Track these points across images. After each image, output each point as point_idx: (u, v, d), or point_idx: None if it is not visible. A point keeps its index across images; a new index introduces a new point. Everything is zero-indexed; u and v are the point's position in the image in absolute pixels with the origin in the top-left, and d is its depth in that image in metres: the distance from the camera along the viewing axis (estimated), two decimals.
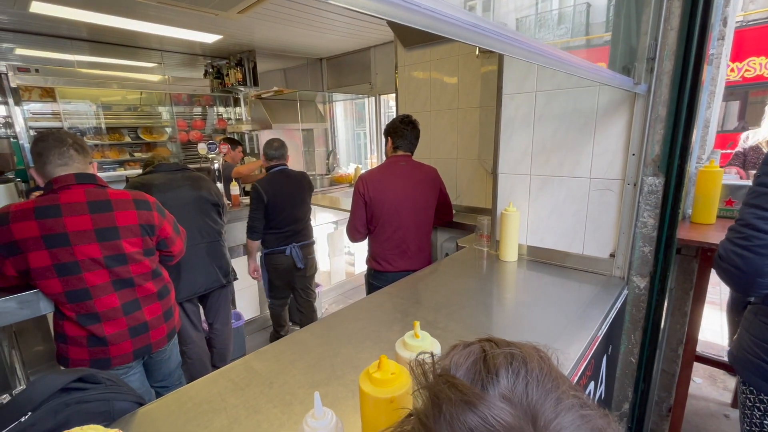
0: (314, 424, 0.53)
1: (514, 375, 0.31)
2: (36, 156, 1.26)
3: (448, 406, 0.29)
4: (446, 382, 0.31)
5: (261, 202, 2.36)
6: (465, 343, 0.36)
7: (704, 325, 1.57)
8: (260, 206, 2.37)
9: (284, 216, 2.45)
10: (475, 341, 0.37)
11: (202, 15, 2.85)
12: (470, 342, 0.37)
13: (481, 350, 0.34)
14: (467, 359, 0.33)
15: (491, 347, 0.34)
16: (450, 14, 0.45)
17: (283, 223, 2.46)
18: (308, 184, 2.60)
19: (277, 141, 2.50)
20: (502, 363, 0.32)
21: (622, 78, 1.11)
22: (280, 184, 2.42)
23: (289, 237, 2.50)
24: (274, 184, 2.40)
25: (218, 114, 4.80)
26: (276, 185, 2.40)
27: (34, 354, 2.27)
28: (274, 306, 2.76)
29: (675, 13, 1.22)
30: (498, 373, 0.31)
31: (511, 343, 0.35)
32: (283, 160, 2.50)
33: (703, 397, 2.16)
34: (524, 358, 0.32)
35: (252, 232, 2.44)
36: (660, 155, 1.31)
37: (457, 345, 0.37)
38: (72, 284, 1.26)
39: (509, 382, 0.30)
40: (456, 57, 2.35)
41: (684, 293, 1.58)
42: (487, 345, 0.35)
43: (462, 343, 0.37)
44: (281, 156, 2.49)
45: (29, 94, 3.48)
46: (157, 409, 0.86)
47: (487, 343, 0.35)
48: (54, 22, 3.14)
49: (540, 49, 0.63)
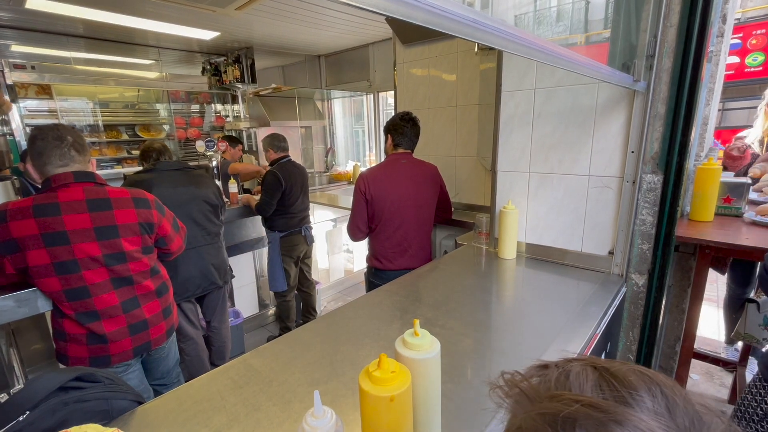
0: (314, 423, 0.52)
1: (654, 396, 0.29)
2: (36, 155, 1.24)
3: (591, 427, 0.28)
4: (576, 401, 0.29)
5: (279, 188, 2.56)
6: (548, 363, 0.35)
7: (701, 322, 1.57)
8: (277, 192, 2.56)
9: (297, 202, 2.70)
10: (560, 360, 0.35)
11: (199, 11, 2.83)
12: (550, 361, 0.36)
13: (593, 369, 0.32)
14: (584, 379, 0.32)
15: (603, 367, 0.32)
16: (450, 10, 0.45)
17: (296, 209, 2.71)
18: (307, 176, 2.87)
19: (281, 135, 2.73)
20: (640, 383, 0.30)
21: (621, 75, 1.10)
22: (293, 172, 2.65)
23: (301, 221, 2.78)
24: (288, 173, 2.61)
25: (216, 111, 4.78)
26: (290, 174, 2.62)
27: (32, 352, 2.26)
28: (286, 299, 2.87)
29: (675, 10, 1.21)
30: (638, 391, 0.29)
31: (612, 363, 0.34)
32: (288, 152, 2.73)
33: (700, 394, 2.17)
34: (656, 379, 0.31)
35: (262, 211, 2.61)
36: (659, 152, 1.31)
37: (541, 366, 0.36)
38: (71, 283, 1.25)
39: (652, 402, 0.29)
40: (455, 54, 2.35)
41: (682, 290, 1.59)
42: (591, 364, 0.33)
43: (543, 363, 0.36)
44: (287, 148, 2.73)
45: (25, 92, 3.46)
46: (156, 407, 0.86)
47: (581, 362, 0.34)
48: (50, 19, 3.11)
49: (540, 45, 0.62)
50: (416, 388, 0.64)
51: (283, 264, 2.75)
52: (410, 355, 0.64)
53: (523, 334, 1.12)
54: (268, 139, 2.71)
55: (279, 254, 2.73)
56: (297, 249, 2.79)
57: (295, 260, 2.82)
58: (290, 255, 2.76)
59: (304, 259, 2.91)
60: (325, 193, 4.06)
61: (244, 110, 4.68)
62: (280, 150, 2.69)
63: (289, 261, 2.78)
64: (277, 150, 2.69)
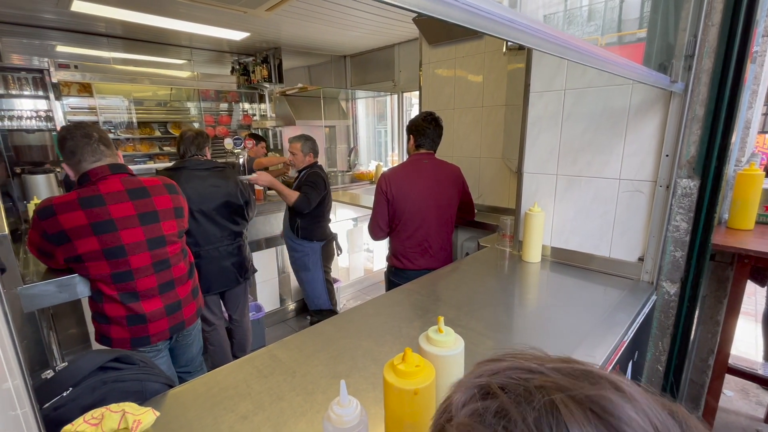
0: (340, 412, 0.54)
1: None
2: (69, 154, 1.32)
3: None
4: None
5: (323, 190, 2.46)
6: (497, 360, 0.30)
7: (737, 337, 1.50)
8: (321, 193, 2.45)
9: (331, 208, 2.63)
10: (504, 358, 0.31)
11: (231, 13, 2.92)
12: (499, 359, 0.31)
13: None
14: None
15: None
16: (487, 9, 0.45)
17: (329, 216, 2.63)
18: None
19: (310, 136, 2.58)
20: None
21: (658, 75, 1.07)
22: (326, 178, 2.56)
23: (331, 229, 2.67)
24: (326, 175, 2.54)
25: (244, 110, 4.90)
26: (327, 177, 2.56)
27: (68, 336, 2.39)
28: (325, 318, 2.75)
29: (717, 8, 1.17)
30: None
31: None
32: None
33: (734, 411, 2.07)
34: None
35: (304, 206, 2.38)
36: (696, 157, 1.26)
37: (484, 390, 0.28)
38: (118, 266, 1.33)
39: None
40: (482, 54, 2.33)
41: (717, 301, 1.52)
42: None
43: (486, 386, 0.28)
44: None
45: (68, 89, 3.65)
46: (185, 391, 0.89)
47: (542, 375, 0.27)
48: (92, 20, 3.28)
49: (575, 45, 0.61)
50: (439, 383, 0.64)
51: (325, 276, 2.55)
52: (434, 351, 0.65)
53: (547, 338, 1.10)
54: (310, 143, 2.51)
55: (321, 267, 2.51)
56: (332, 259, 2.65)
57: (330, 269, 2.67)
58: (329, 266, 2.59)
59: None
60: (347, 192, 4.10)
61: (270, 109, 4.78)
62: (317, 155, 2.57)
63: (329, 273, 2.60)
64: (316, 155, 2.55)
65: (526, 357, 0.30)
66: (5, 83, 3.32)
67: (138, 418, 0.69)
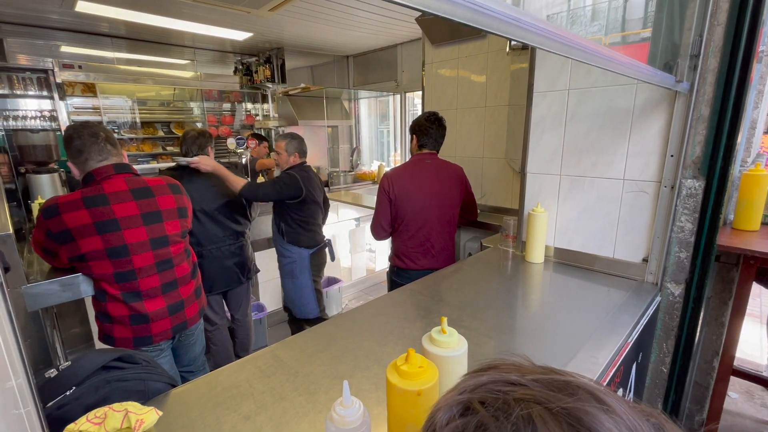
0: (343, 412, 0.54)
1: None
2: (76, 152, 1.32)
3: None
4: None
5: (292, 193, 2.20)
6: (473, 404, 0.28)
7: (742, 338, 1.49)
8: (286, 193, 2.19)
9: (321, 213, 2.43)
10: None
11: (234, 13, 2.93)
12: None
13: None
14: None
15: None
16: (492, 7, 0.45)
17: (320, 221, 2.43)
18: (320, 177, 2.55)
19: (298, 135, 2.37)
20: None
21: (663, 75, 1.06)
22: (313, 179, 2.33)
23: (323, 234, 2.48)
24: (309, 179, 2.28)
25: (246, 110, 4.91)
26: (310, 180, 2.29)
27: (71, 335, 2.40)
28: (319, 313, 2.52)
29: (723, 7, 1.16)
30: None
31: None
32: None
33: (739, 413, 2.06)
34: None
35: (252, 194, 2.13)
36: (701, 157, 1.26)
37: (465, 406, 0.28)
38: (121, 266, 1.34)
39: None
40: (485, 54, 2.32)
41: (722, 303, 1.51)
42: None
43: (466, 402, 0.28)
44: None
45: (72, 90, 3.67)
46: (188, 391, 0.89)
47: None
48: (96, 21, 3.30)
49: (581, 44, 0.61)
50: (442, 385, 0.64)
51: (314, 285, 2.42)
52: (437, 352, 0.65)
53: (550, 339, 1.10)
54: (295, 143, 2.30)
55: (309, 275, 2.37)
56: (323, 267, 2.49)
57: (320, 280, 2.51)
58: (319, 274, 2.46)
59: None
60: (349, 192, 4.10)
61: (273, 109, 4.79)
62: (304, 156, 2.36)
63: (318, 281, 2.47)
64: (302, 156, 2.35)
65: (508, 368, 0.30)
66: (10, 83, 3.34)
67: (141, 418, 0.69)
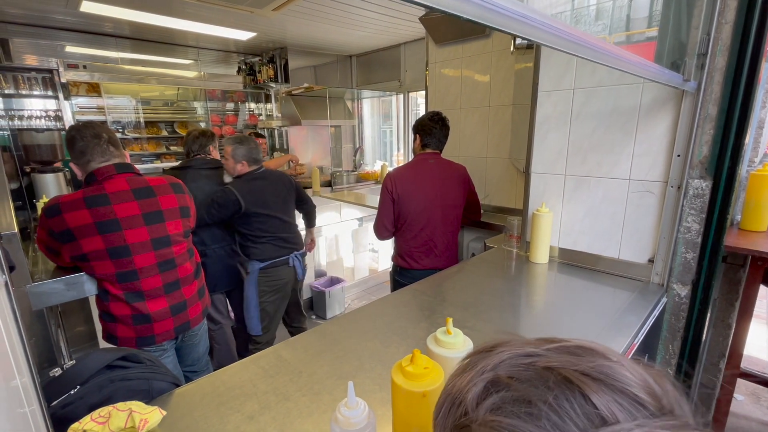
0: (348, 413, 0.53)
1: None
2: (79, 154, 1.32)
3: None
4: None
5: (227, 208, 1.97)
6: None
7: (748, 340, 1.47)
8: (222, 212, 1.99)
9: (277, 222, 2.10)
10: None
11: (237, 13, 2.93)
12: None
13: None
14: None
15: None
16: (500, 5, 0.44)
17: (277, 230, 2.10)
18: (293, 186, 2.24)
19: (254, 141, 2.07)
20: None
21: (670, 74, 1.05)
22: (263, 189, 2.06)
23: (287, 247, 2.15)
24: (256, 189, 2.03)
25: (250, 110, 4.92)
26: (258, 190, 2.04)
27: (76, 334, 2.41)
28: (258, 346, 2.18)
29: (730, 6, 1.14)
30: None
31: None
32: (261, 163, 2.11)
33: (745, 416, 2.04)
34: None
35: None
36: (708, 157, 1.24)
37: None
38: (123, 266, 1.33)
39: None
40: (489, 54, 2.31)
41: (729, 304, 1.49)
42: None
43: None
44: (261, 159, 2.11)
45: (77, 89, 3.69)
46: (192, 391, 0.89)
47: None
48: (101, 21, 3.31)
49: (590, 42, 0.60)
50: None
51: (259, 302, 2.10)
52: (442, 353, 0.64)
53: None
54: (243, 149, 2.00)
55: (256, 288, 2.09)
56: (282, 284, 2.15)
57: (280, 297, 2.19)
58: (274, 291, 2.13)
59: (293, 302, 2.34)
60: (352, 192, 4.10)
61: (276, 109, 4.79)
62: (254, 163, 2.06)
63: (271, 298, 2.13)
64: (253, 164, 2.05)
65: (516, 344, 0.32)
66: (15, 83, 3.36)
67: (145, 417, 0.69)
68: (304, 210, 2.43)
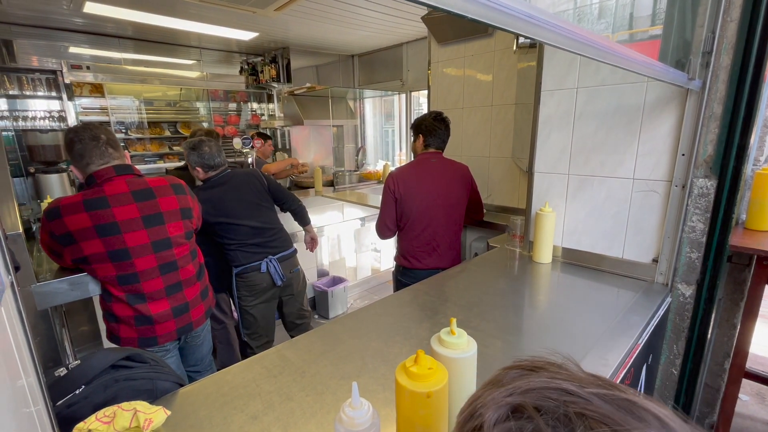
0: (352, 414, 0.53)
1: None
2: (78, 157, 1.32)
3: None
4: None
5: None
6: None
7: (754, 340, 1.46)
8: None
9: (243, 227, 1.98)
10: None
11: (240, 13, 2.94)
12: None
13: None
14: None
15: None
16: (505, 4, 0.44)
17: (245, 235, 1.99)
18: (264, 186, 2.09)
19: (212, 144, 1.90)
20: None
21: (675, 72, 1.04)
22: (223, 197, 1.94)
23: (260, 252, 2.03)
24: (216, 198, 1.91)
25: (252, 110, 4.93)
26: (218, 199, 1.92)
27: (80, 333, 2.42)
28: (254, 353, 2.12)
29: (736, 3, 1.13)
30: None
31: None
32: (224, 165, 1.96)
33: (750, 416, 2.03)
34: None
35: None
36: (713, 156, 1.23)
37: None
38: (124, 269, 1.34)
39: None
40: (491, 53, 2.30)
41: (734, 304, 1.48)
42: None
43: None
44: (222, 163, 1.94)
45: (81, 90, 3.71)
46: (196, 390, 0.90)
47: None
48: (104, 22, 3.33)
49: (594, 41, 0.60)
50: (452, 386, 0.63)
51: (241, 306, 2.08)
52: (446, 354, 0.64)
53: (559, 340, 1.08)
54: (195, 155, 1.86)
55: (235, 293, 2.08)
56: (260, 289, 2.06)
57: (263, 302, 2.10)
58: (253, 296, 2.07)
59: (284, 295, 2.20)
60: (354, 192, 4.10)
61: (278, 109, 4.80)
62: (210, 170, 1.91)
63: (252, 302, 2.08)
64: (208, 170, 1.91)
65: (561, 375, 0.29)
66: (20, 84, 3.38)
67: (149, 417, 0.69)
68: (290, 209, 2.29)
